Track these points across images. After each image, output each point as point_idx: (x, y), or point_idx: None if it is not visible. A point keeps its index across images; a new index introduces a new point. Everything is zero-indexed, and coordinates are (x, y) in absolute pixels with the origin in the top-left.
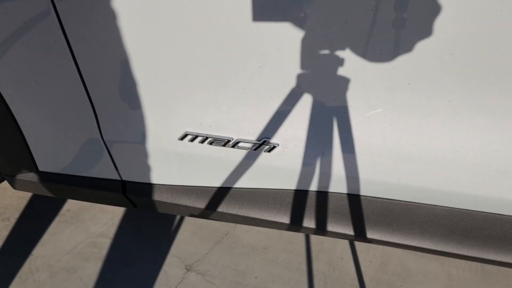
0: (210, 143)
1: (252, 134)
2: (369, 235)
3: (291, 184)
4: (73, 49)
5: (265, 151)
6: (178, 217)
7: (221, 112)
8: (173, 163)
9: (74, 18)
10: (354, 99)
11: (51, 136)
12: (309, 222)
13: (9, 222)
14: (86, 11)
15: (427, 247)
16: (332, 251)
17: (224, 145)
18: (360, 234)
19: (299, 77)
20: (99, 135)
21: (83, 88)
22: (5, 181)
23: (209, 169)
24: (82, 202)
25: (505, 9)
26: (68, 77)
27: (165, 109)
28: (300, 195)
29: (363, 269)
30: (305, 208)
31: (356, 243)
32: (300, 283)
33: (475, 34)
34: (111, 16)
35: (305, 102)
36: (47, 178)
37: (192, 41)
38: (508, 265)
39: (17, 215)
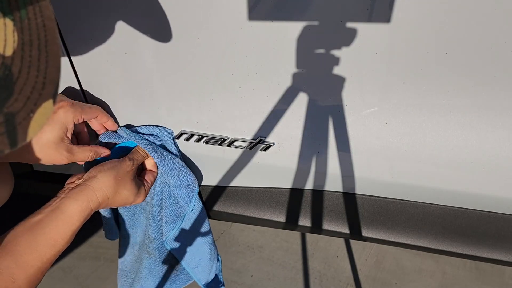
0: (206, 142)
1: (248, 133)
2: (364, 233)
3: (287, 182)
4: (67, 46)
5: (260, 150)
6: None
7: (217, 111)
8: None
9: (69, 16)
10: (349, 98)
11: None
12: (304, 221)
13: (2, 221)
14: (80, 10)
15: (422, 245)
16: (327, 250)
17: (219, 144)
18: (355, 232)
19: (295, 76)
20: None
21: (78, 86)
22: None
23: (204, 168)
24: None
25: (500, 8)
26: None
27: (160, 107)
28: (295, 194)
29: (358, 267)
30: (301, 206)
31: (351, 242)
32: (295, 281)
33: (470, 33)
34: (106, 14)
35: (301, 101)
36: (41, 177)
37: (187, 40)
38: (502, 263)
39: (10, 214)
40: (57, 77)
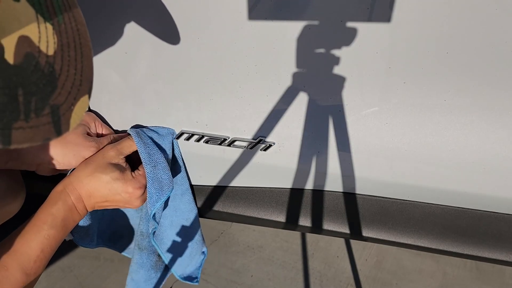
0: (206, 142)
1: (248, 132)
2: (365, 233)
3: (287, 182)
4: None
5: (261, 150)
6: None
7: (217, 111)
8: None
9: None
10: (349, 98)
11: None
12: (304, 221)
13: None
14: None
15: (423, 245)
16: (327, 250)
17: (220, 144)
18: (355, 232)
19: (295, 76)
20: None
21: None
22: None
23: (205, 168)
24: None
25: (500, 8)
26: None
27: (160, 107)
28: (296, 194)
29: (358, 267)
30: (301, 206)
31: (352, 242)
32: (295, 281)
33: (471, 33)
34: (106, 14)
35: (301, 101)
36: (41, 177)
37: (187, 39)
38: (502, 263)
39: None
40: (91, 75)
